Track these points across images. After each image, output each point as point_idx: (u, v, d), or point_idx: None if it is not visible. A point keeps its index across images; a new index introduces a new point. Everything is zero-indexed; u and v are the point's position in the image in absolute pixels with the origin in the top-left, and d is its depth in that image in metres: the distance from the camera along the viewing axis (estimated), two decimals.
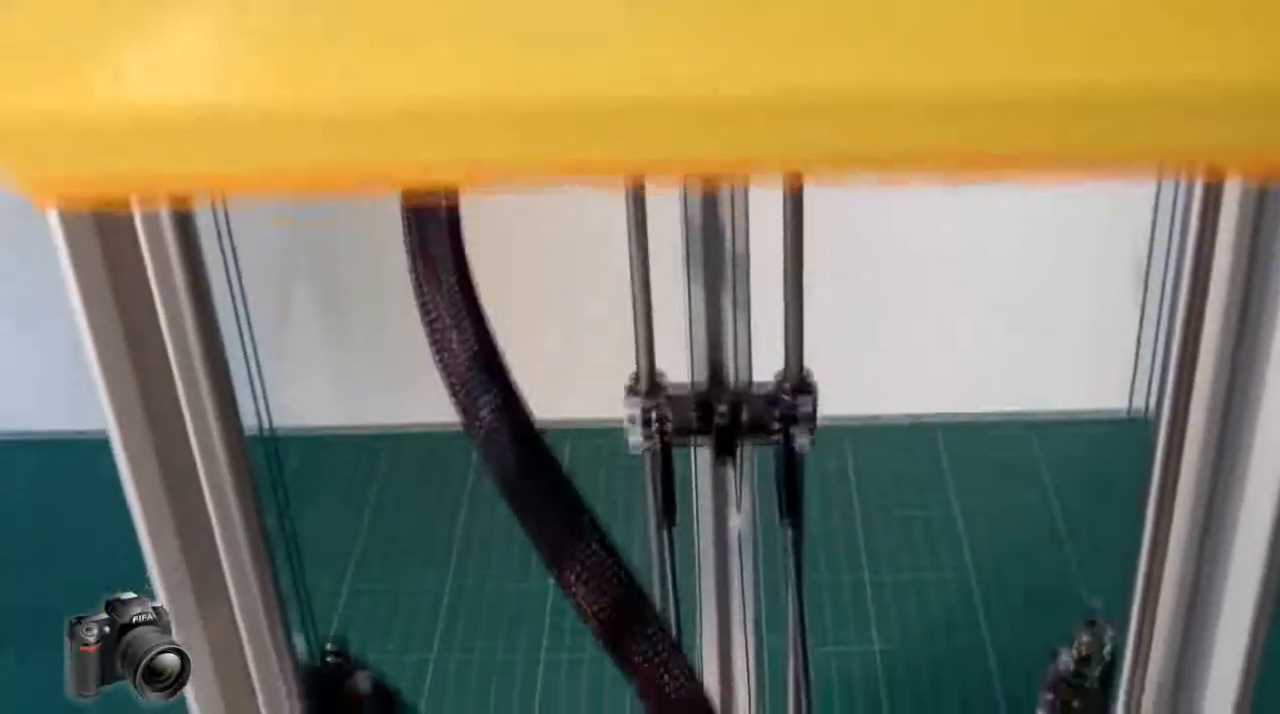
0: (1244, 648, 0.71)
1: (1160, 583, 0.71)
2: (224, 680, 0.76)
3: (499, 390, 0.65)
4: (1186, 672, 0.75)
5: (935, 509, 2.09)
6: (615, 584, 0.69)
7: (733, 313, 1.11)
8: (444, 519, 2.13)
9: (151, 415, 0.67)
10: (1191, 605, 0.72)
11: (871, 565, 1.97)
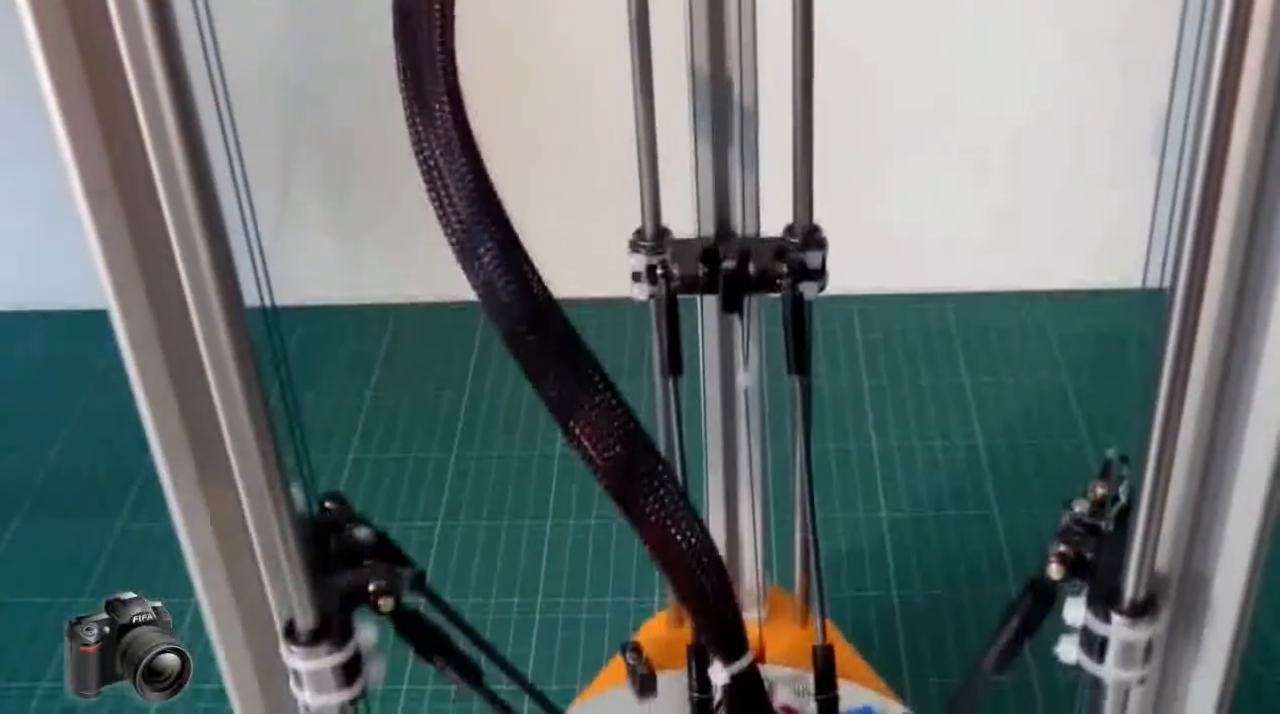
0: (1261, 499, 0.69)
1: (1175, 443, 0.68)
2: (222, 538, 0.74)
3: (498, 238, 0.63)
4: (1203, 520, 0.73)
5: (945, 380, 2.07)
6: (621, 433, 0.66)
7: (740, 163, 1.08)
8: (448, 391, 2.11)
9: (150, 289, 0.65)
10: (1209, 458, 0.71)
11: (880, 435, 1.96)
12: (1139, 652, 0.74)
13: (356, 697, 0.77)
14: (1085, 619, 0.75)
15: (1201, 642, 0.77)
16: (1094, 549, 0.77)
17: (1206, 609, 0.75)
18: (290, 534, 0.71)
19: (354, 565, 0.78)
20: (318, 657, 0.74)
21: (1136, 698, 0.80)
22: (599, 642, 1.62)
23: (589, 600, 1.70)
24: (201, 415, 0.69)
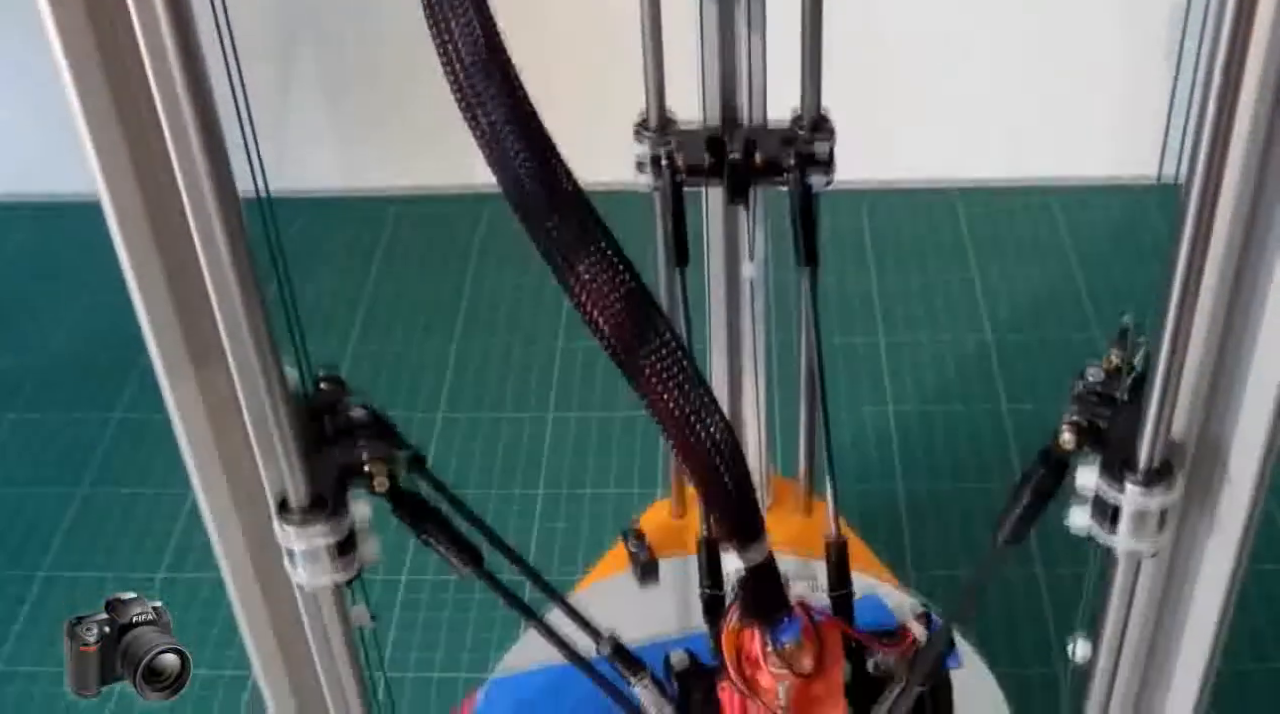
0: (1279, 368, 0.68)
1: (1193, 312, 0.66)
2: (214, 414, 0.73)
3: (504, 89, 0.60)
4: (1220, 388, 0.71)
5: (954, 275, 2.05)
6: (623, 288, 0.64)
7: (747, 50, 1.05)
8: (449, 283, 2.09)
9: (139, 168, 0.63)
10: (1227, 326, 0.69)
11: (887, 329, 1.94)
12: (1152, 521, 0.71)
13: (351, 576, 0.76)
14: (1098, 487, 0.72)
15: (1217, 513, 0.74)
16: (1108, 418, 0.74)
17: (1223, 479, 0.73)
18: (282, 409, 0.69)
19: (349, 444, 0.77)
20: (311, 534, 0.73)
21: (1149, 571, 0.77)
22: (601, 531, 1.62)
23: (590, 492, 1.69)
24: (191, 291, 0.67)
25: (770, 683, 0.92)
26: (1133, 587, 0.77)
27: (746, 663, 0.93)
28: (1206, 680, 0.82)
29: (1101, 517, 0.73)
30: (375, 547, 0.78)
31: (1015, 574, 1.54)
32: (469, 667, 1.47)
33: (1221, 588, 0.77)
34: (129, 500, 1.73)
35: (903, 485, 1.67)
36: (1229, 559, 0.76)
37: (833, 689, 0.95)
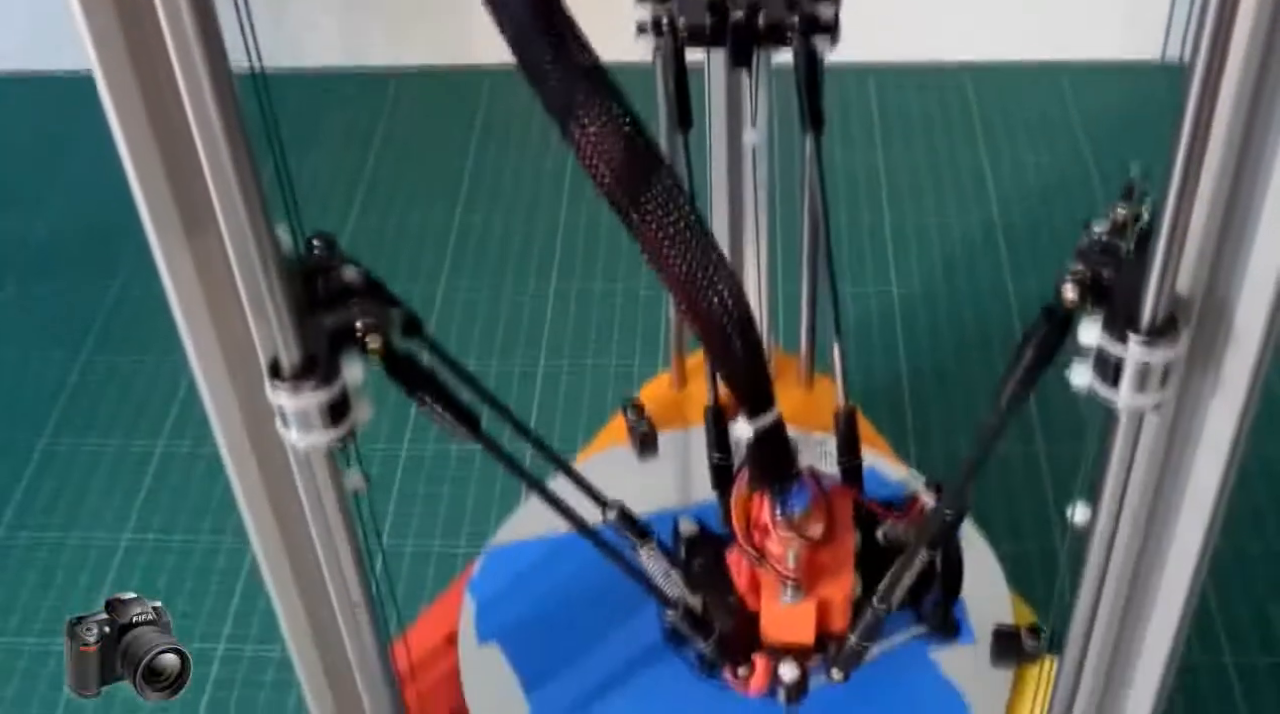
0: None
1: (1202, 162, 0.64)
2: (204, 273, 0.71)
3: None
4: (1228, 242, 0.69)
5: (962, 155, 2.02)
6: (624, 134, 0.62)
7: None
8: (451, 158, 2.07)
9: (134, 51, 0.61)
10: (1234, 185, 0.67)
11: (893, 209, 1.91)
12: (1155, 377, 0.70)
13: (344, 435, 0.75)
14: (1101, 341, 0.70)
15: (1221, 370, 0.72)
16: (1112, 272, 0.72)
17: (1228, 336, 0.71)
18: (273, 270, 0.68)
19: (342, 307, 0.76)
20: (303, 393, 0.72)
21: (1150, 430, 0.76)
22: (602, 404, 1.61)
23: (592, 363, 1.69)
24: (183, 155, 0.65)
25: (780, 550, 0.92)
26: (1134, 447, 0.76)
27: (756, 530, 0.93)
28: (1206, 547, 0.82)
29: (1103, 373, 0.71)
30: (368, 409, 0.77)
31: (1015, 451, 1.53)
32: (468, 540, 1.47)
33: (1224, 450, 0.76)
34: (129, 371, 1.72)
35: (906, 363, 1.66)
36: (1232, 420, 0.75)
37: (842, 558, 0.95)
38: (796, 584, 0.93)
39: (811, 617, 0.95)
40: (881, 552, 0.97)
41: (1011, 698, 1.10)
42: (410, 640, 1.15)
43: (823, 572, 0.95)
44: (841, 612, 0.96)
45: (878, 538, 0.99)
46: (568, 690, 1.11)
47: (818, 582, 0.95)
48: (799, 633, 0.96)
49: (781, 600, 0.94)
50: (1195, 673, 1.30)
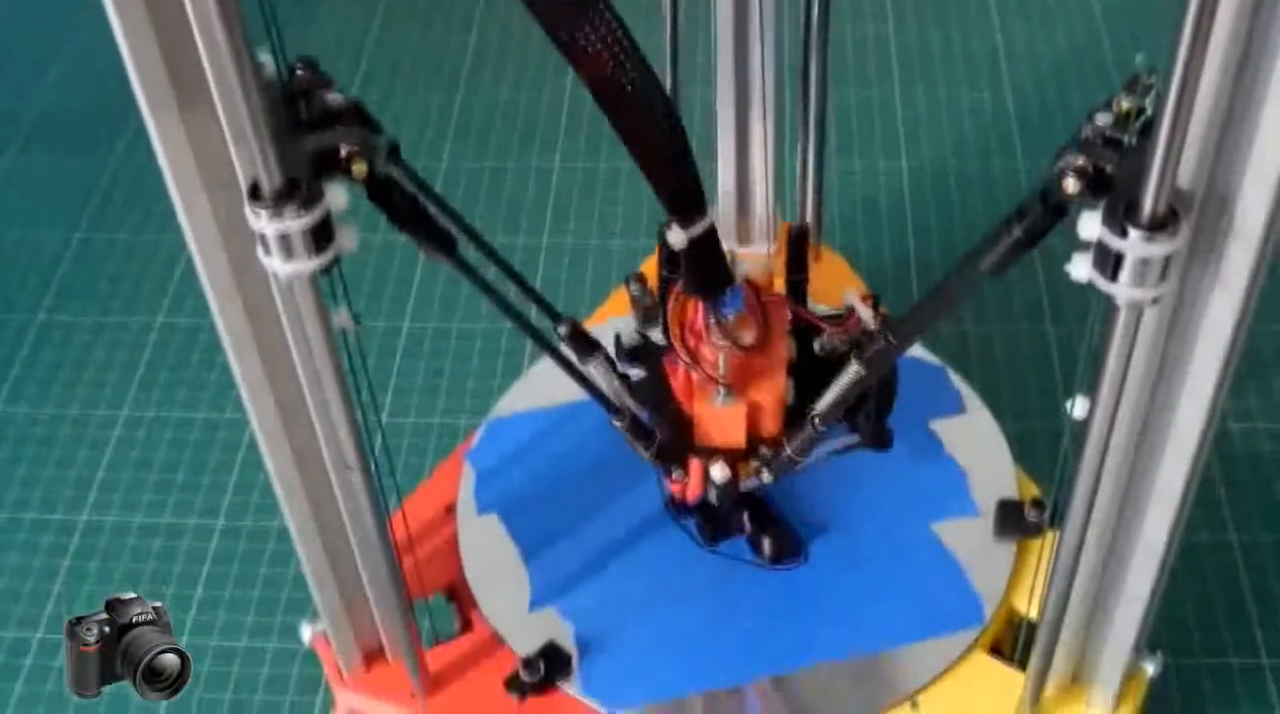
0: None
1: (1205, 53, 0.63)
2: (180, 90, 0.69)
3: None
4: (1230, 135, 0.68)
5: (976, 31, 1.98)
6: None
7: None
8: (455, 32, 2.03)
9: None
10: (1240, 70, 0.65)
11: (904, 85, 1.88)
12: (1155, 269, 0.69)
13: (327, 264, 0.74)
14: (1100, 234, 0.70)
15: (1221, 261, 0.72)
16: (1114, 163, 0.71)
17: (1229, 228, 0.70)
18: (253, 88, 0.66)
19: (326, 131, 0.74)
20: (284, 218, 0.70)
21: (1149, 322, 0.76)
22: (605, 281, 1.59)
23: (595, 243, 1.66)
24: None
25: (712, 354, 0.94)
26: (1133, 339, 0.75)
27: (690, 335, 0.95)
28: (1205, 437, 0.81)
29: (1103, 266, 0.70)
30: (353, 237, 0.75)
31: (1023, 330, 1.52)
32: (469, 415, 1.46)
33: (1223, 343, 0.76)
34: (127, 245, 1.70)
35: (914, 242, 1.63)
36: (1232, 312, 0.74)
37: (774, 364, 0.98)
38: (728, 387, 0.95)
39: (742, 419, 0.97)
40: (818, 362, 0.98)
41: (1013, 572, 1.09)
42: (408, 510, 1.14)
43: (755, 377, 0.97)
44: (773, 416, 0.98)
45: (815, 349, 0.99)
46: (566, 560, 1.10)
47: (749, 386, 0.96)
48: (730, 435, 0.98)
49: (713, 403, 0.95)
50: (1198, 551, 1.29)
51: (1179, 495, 0.84)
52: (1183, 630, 1.24)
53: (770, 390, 0.97)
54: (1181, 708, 1.19)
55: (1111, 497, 0.86)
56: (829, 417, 0.94)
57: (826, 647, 1.04)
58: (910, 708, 1.01)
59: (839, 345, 0.97)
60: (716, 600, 1.07)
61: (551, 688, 1.02)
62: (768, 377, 0.97)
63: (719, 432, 0.98)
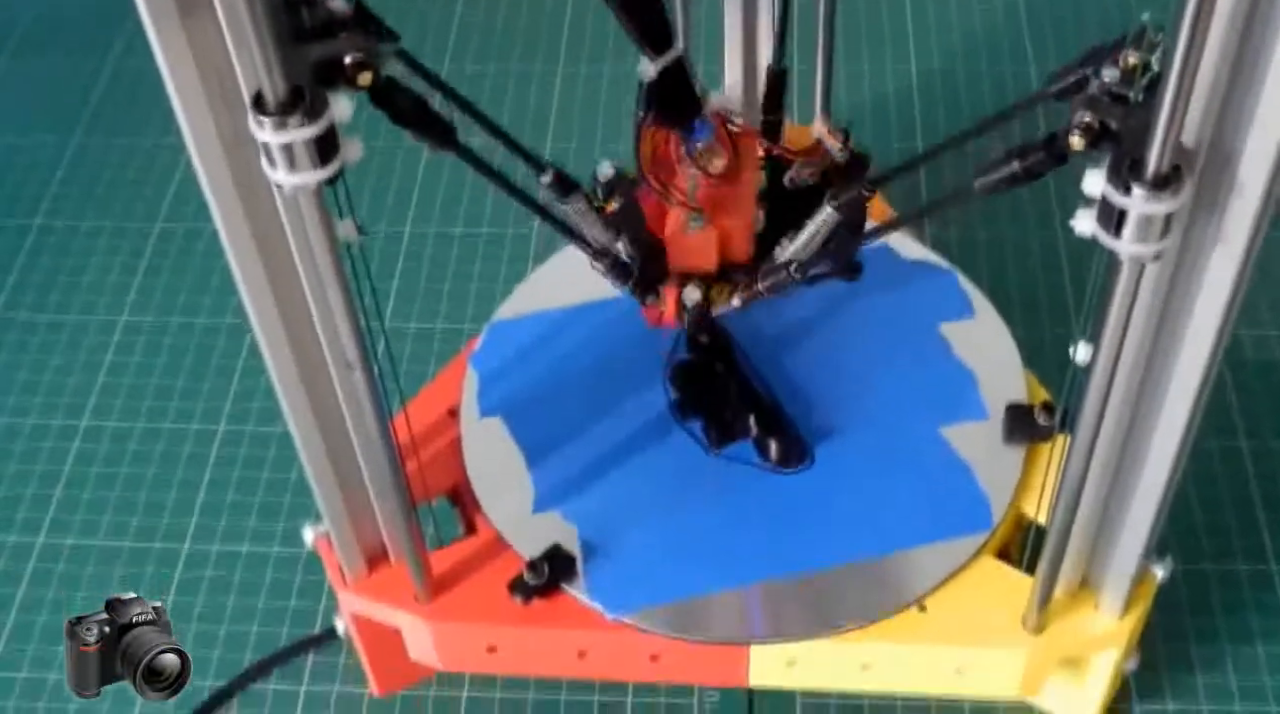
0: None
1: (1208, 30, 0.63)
2: (185, 9, 0.67)
3: None
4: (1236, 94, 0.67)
5: None
6: None
7: None
8: None
9: None
10: (1245, 30, 0.65)
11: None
12: (1158, 225, 0.70)
13: (333, 175, 0.72)
14: (1104, 190, 0.70)
15: (1224, 219, 0.72)
16: (1119, 119, 0.72)
17: (1232, 185, 0.71)
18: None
19: (330, 39, 0.72)
20: (288, 128, 0.69)
21: (1152, 274, 0.76)
22: None
23: (600, 149, 1.64)
24: None
25: (683, 182, 0.97)
26: (1134, 292, 0.76)
27: (661, 165, 0.97)
28: (1204, 387, 0.81)
29: (1106, 222, 0.71)
30: (358, 148, 0.73)
31: (1034, 236, 1.49)
32: (473, 317, 1.45)
33: (1223, 297, 0.77)
34: (126, 150, 1.68)
35: (923, 142, 1.61)
36: (1233, 268, 0.74)
37: (744, 193, 1.00)
38: (698, 212, 0.97)
39: (714, 243, 1.00)
40: (789, 194, 1.01)
41: (1022, 476, 1.08)
42: (411, 414, 1.13)
43: (724, 204, 0.99)
44: (743, 240, 1.00)
45: (785, 182, 1.02)
46: (571, 463, 1.09)
47: (720, 212, 0.99)
48: (703, 260, 1.01)
49: (686, 230, 0.98)
50: (1208, 457, 1.28)
51: (1188, 411, 0.83)
52: (1191, 536, 1.23)
53: (741, 216, 0.99)
54: (1189, 613, 1.18)
55: (1122, 407, 0.86)
56: (805, 262, 0.97)
57: (833, 550, 1.03)
58: (917, 610, 1.00)
59: (808, 178, 1.00)
60: (722, 504, 1.06)
61: (555, 591, 1.02)
62: (737, 203, 0.99)
63: (691, 256, 1.00)
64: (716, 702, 1.15)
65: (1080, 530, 0.94)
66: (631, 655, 1.02)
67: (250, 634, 1.21)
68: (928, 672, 1.02)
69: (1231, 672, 1.15)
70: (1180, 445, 0.85)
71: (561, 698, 1.15)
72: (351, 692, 1.16)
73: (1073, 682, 1.08)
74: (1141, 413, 0.86)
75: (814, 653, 1.00)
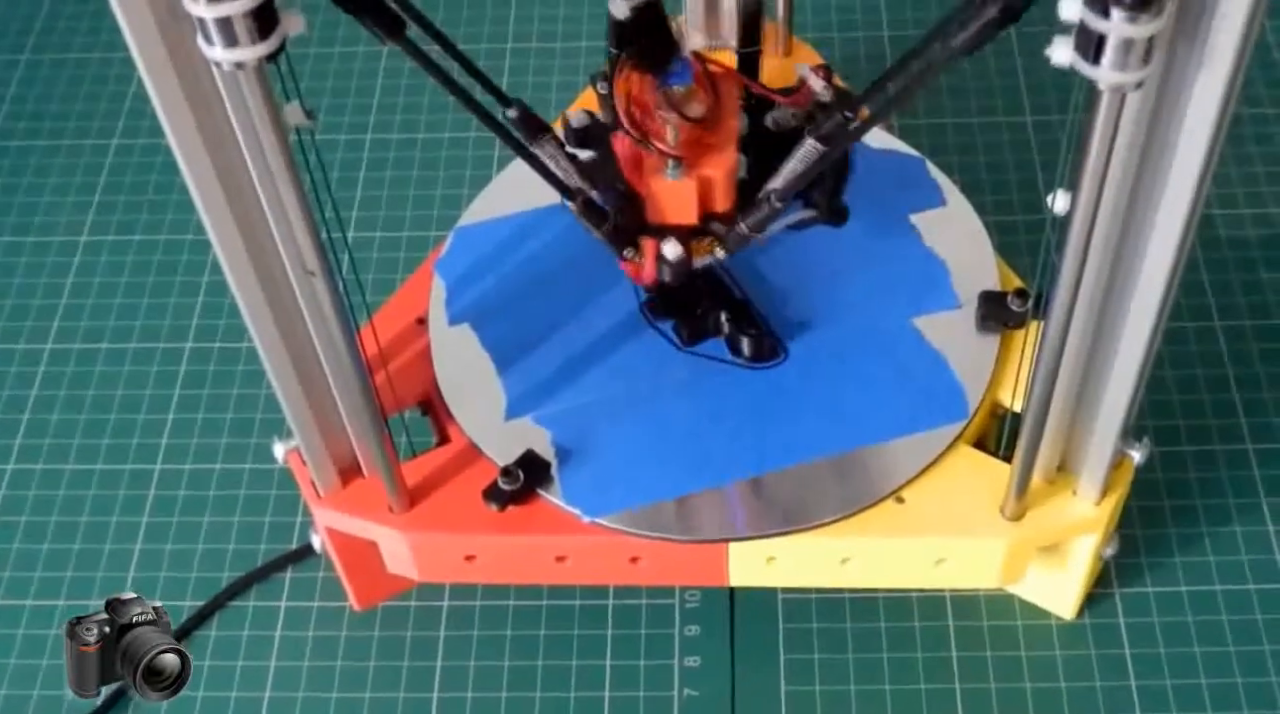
0: None
1: None
2: None
3: None
4: None
5: None
6: None
7: None
8: None
9: None
10: None
11: None
12: (1138, 50, 0.67)
13: (274, 50, 0.69)
14: (1082, 15, 0.67)
15: (1206, 42, 0.69)
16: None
17: (1213, 6, 0.68)
18: None
19: None
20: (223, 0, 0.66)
21: (1134, 105, 0.73)
22: (572, 89, 1.54)
23: (561, 45, 1.61)
24: None
25: (660, 128, 0.92)
26: (1115, 126, 0.72)
27: (638, 111, 0.93)
28: (1190, 223, 0.79)
29: (1085, 49, 0.67)
30: (299, 20, 0.71)
31: (1003, 123, 1.48)
32: (439, 223, 1.43)
33: (1208, 126, 0.73)
34: (76, 65, 1.64)
35: (889, 34, 1.58)
36: (1217, 95, 0.71)
37: (725, 137, 0.95)
38: (677, 160, 0.92)
39: (693, 193, 0.94)
40: (771, 137, 0.96)
41: (997, 365, 1.07)
42: (378, 324, 1.12)
43: (705, 151, 0.94)
44: (725, 190, 0.95)
45: (767, 124, 0.97)
46: (542, 368, 1.08)
47: (700, 160, 0.94)
48: (682, 211, 0.96)
49: (664, 176, 0.93)
50: (1183, 338, 1.28)
51: (1165, 279, 0.82)
52: (1167, 416, 1.23)
53: (721, 164, 0.94)
54: (1166, 495, 1.18)
55: (1096, 283, 0.84)
56: (785, 192, 0.93)
57: (808, 445, 1.02)
58: (895, 503, 1.00)
59: (791, 119, 0.96)
60: (696, 403, 1.05)
61: (531, 496, 1.01)
62: (718, 150, 0.94)
63: (670, 208, 0.96)
64: (698, 601, 1.15)
65: (1056, 413, 0.93)
66: (610, 559, 1.02)
67: (227, 552, 1.20)
68: (908, 564, 1.02)
69: (1210, 552, 1.15)
70: (1159, 308, 0.83)
71: (543, 603, 1.15)
72: (332, 606, 1.16)
73: (1053, 570, 1.08)
74: (1120, 272, 0.84)
75: (793, 549, 1.00)
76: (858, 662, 1.11)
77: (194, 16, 0.67)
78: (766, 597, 1.14)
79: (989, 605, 1.13)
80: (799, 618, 1.13)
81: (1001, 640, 1.11)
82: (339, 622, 1.15)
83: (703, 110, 0.93)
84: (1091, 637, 1.11)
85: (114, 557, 1.20)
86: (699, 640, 1.13)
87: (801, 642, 1.12)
